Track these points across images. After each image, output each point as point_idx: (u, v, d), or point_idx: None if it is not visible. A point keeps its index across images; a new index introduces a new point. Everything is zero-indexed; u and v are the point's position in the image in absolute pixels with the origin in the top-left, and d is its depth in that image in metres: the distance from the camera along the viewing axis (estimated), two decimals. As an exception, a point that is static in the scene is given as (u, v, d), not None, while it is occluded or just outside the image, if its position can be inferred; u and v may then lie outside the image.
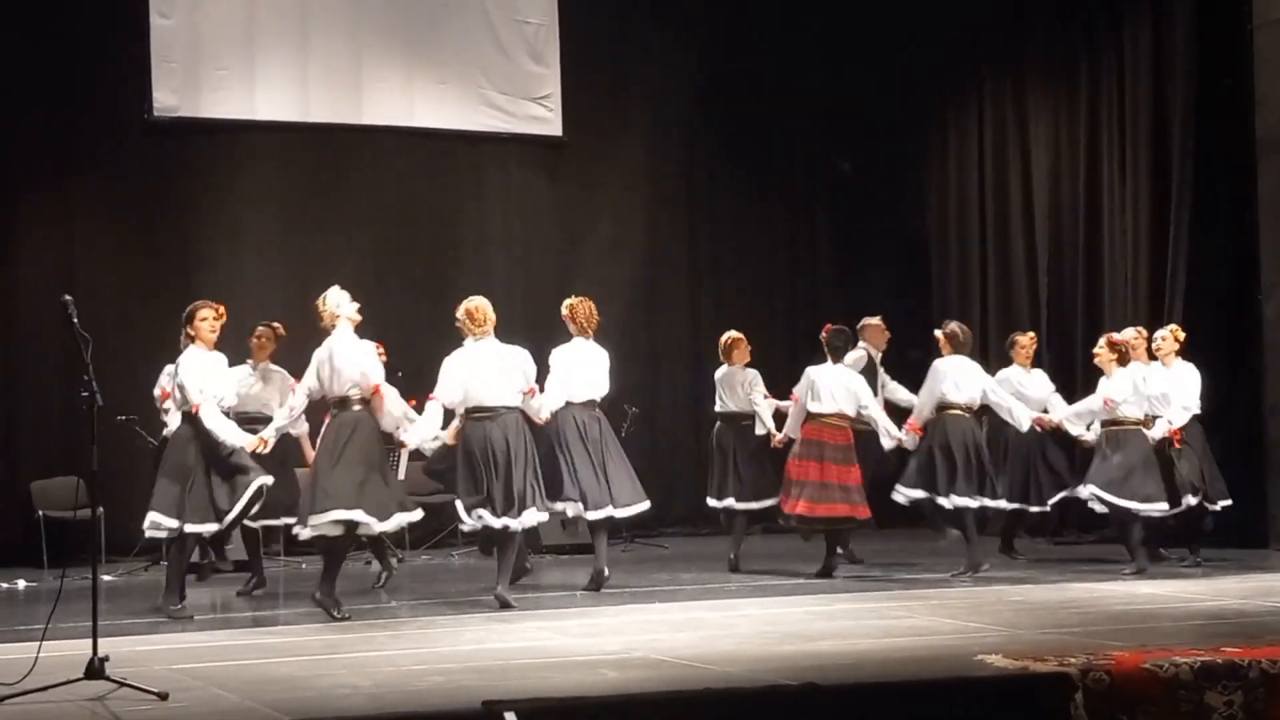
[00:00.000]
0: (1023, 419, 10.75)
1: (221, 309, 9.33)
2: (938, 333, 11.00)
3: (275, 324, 10.75)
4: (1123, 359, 10.47)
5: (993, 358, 14.10)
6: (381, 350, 9.32)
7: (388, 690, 5.98)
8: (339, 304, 9.21)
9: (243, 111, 13.55)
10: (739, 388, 11.29)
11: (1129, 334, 10.86)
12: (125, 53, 13.15)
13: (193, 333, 9.14)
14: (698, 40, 15.17)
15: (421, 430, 9.18)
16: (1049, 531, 12.91)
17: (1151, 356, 10.88)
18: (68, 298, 7.19)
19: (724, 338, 11.51)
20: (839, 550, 10.75)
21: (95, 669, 6.03)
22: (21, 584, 10.92)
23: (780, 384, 13.39)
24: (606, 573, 9.77)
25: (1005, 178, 14.27)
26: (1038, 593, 9.22)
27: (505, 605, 8.91)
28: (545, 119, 14.55)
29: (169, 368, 9.68)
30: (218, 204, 13.54)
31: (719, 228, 15.36)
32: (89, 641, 6.16)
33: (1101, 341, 10.68)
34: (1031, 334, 12.16)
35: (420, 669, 6.50)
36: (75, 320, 7.50)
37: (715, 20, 15.19)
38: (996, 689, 5.89)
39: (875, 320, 11.97)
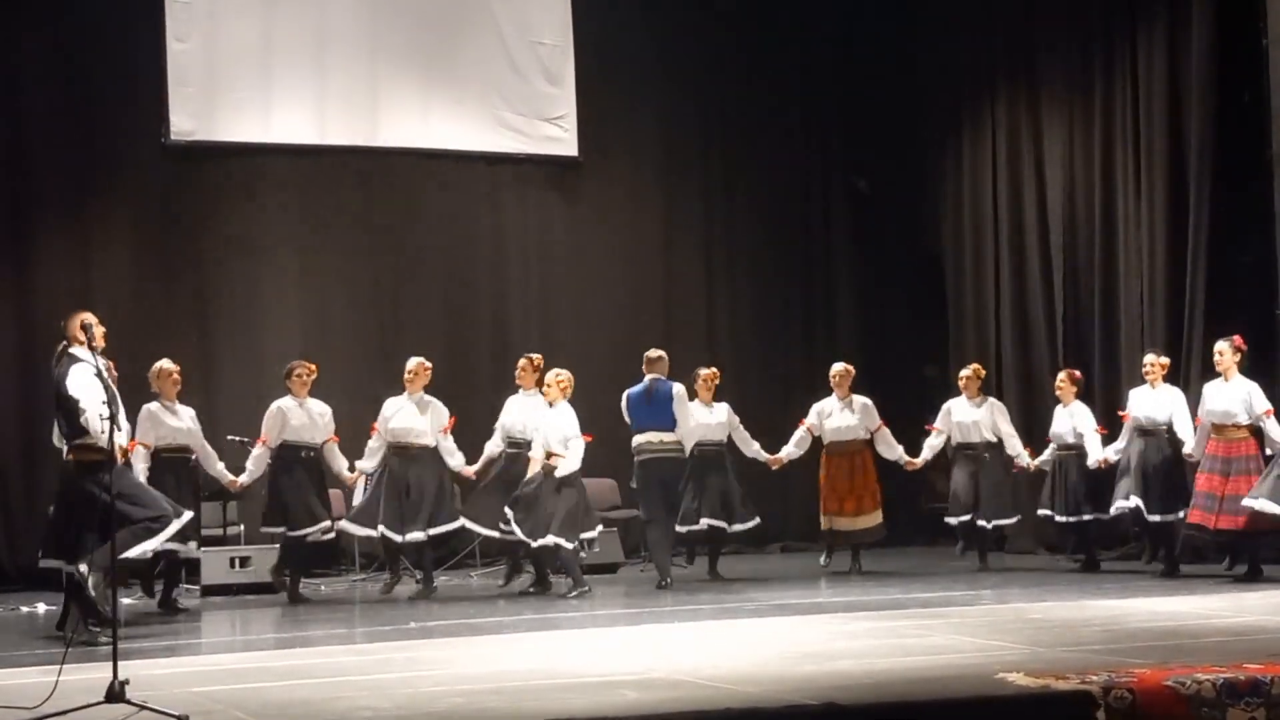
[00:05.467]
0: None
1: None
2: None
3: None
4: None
5: (1008, 374, 14.10)
6: None
7: (408, 712, 5.97)
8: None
9: (259, 135, 13.60)
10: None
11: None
12: (142, 77, 13.22)
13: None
14: (712, 59, 15.19)
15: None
16: (1068, 549, 12.87)
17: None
18: (87, 330, 7.22)
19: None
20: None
21: (116, 692, 6.02)
22: (42, 608, 10.93)
23: (795, 401, 13.43)
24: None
25: (1020, 193, 14.24)
26: (1058, 610, 9.18)
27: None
28: (560, 139, 14.58)
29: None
30: (234, 227, 13.58)
31: (734, 247, 15.36)
32: (109, 665, 6.16)
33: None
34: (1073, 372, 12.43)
35: (440, 690, 6.49)
36: (94, 343, 7.53)
37: (730, 39, 15.23)
38: (1018, 707, 5.86)
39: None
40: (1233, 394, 10.67)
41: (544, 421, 11.03)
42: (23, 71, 12.92)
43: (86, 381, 8.47)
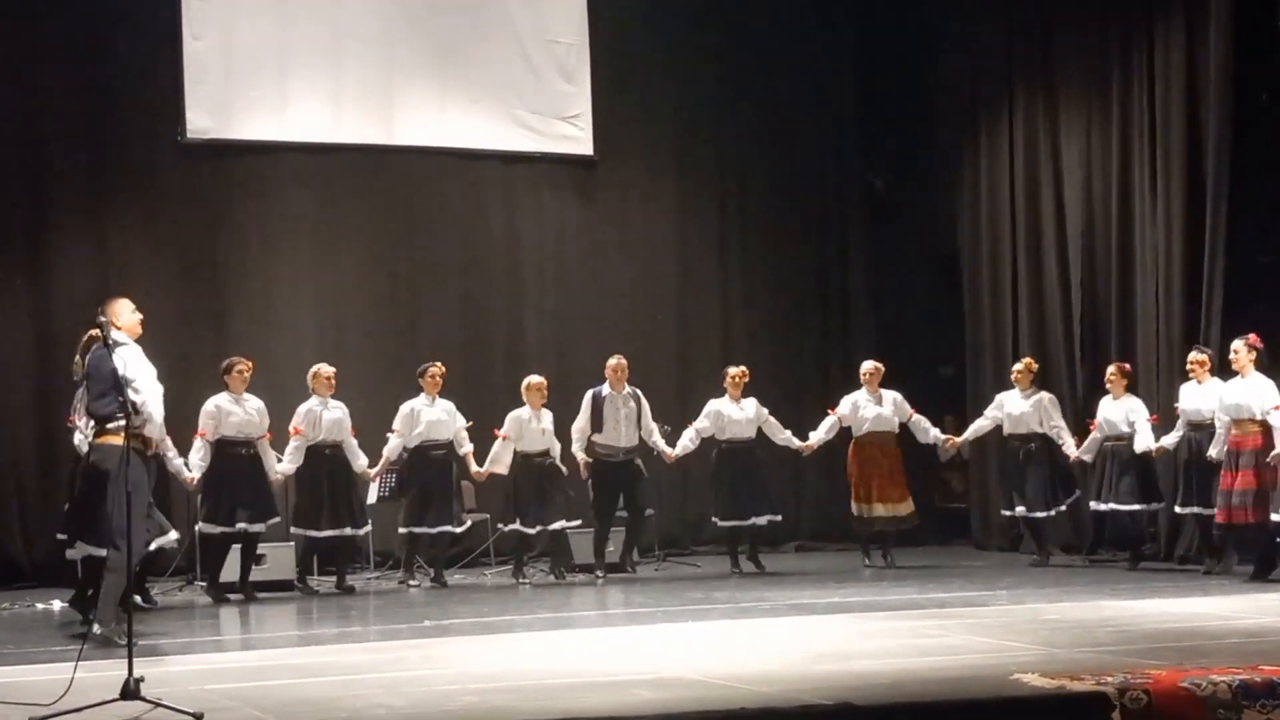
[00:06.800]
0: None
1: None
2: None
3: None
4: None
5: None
6: None
7: (421, 710, 5.98)
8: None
9: (275, 133, 13.60)
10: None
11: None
12: (159, 75, 13.23)
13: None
14: (728, 58, 15.15)
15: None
16: (1084, 549, 12.84)
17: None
18: (104, 318, 7.21)
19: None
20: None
21: (130, 690, 6.04)
22: (57, 604, 10.96)
23: (811, 402, 13.41)
24: None
25: (1038, 193, 14.19)
26: (1074, 611, 9.16)
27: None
28: (576, 138, 14.56)
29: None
30: (251, 225, 13.59)
31: (750, 246, 15.32)
32: (124, 662, 6.18)
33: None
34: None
35: (453, 689, 6.49)
36: (110, 339, 7.54)
37: (745, 39, 15.18)
38: (1033, 708, 5.85)
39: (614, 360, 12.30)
40: (1247, 390, 10.74)
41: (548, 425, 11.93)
42: (39, 69, 12.93)
43: (136, 361, 8.18)
